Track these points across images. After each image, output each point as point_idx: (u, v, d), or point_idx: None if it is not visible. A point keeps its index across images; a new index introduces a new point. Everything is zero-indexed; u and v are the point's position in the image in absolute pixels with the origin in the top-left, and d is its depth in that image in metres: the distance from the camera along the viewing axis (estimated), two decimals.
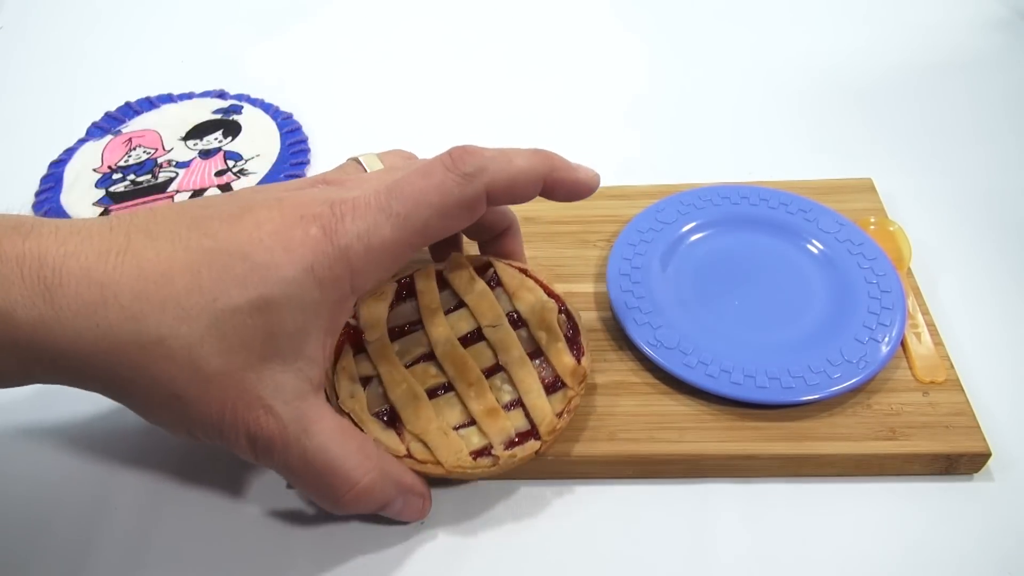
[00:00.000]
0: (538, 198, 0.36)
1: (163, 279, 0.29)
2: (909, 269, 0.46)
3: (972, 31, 0.67)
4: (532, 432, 0.37)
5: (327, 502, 0.34)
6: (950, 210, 0.52)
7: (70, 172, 0.57)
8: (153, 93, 0.63)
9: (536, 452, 0.36)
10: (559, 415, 0.37)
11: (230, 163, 0.57)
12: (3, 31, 0.72)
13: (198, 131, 0.60)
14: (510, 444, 0.36)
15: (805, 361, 0.40)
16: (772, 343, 0.42)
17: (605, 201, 0.51)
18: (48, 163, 0.58)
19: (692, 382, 0.40)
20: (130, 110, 0.62)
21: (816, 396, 0.39)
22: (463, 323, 0.40)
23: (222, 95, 0.63)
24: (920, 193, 0.52)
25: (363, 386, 0.38)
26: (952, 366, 0.41)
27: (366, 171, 0.39)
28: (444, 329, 0.39)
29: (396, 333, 0.40)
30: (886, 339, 0.41)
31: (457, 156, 0.33)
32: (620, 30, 0.70)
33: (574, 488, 0.39)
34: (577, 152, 0.57)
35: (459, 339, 0.39)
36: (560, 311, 0.40)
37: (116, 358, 0.29)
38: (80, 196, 0.55)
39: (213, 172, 0.56)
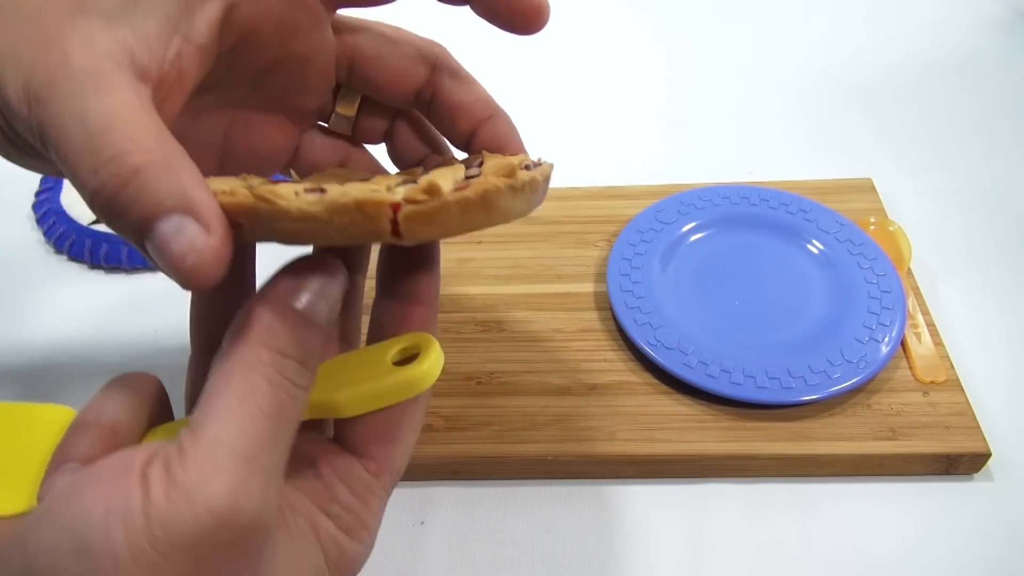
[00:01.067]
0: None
1: None
2: (909, 269, 0.46)
3: (972, 31, 0.66)
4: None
5: (81, 170, 0.24)
6: (950, 210, 0.52)
7: None
8: None
9: (393, 217, 0.24)
10: (453, 190, 0.24)
11: None
12: None
13: None
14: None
15: (805, 361, 0.40)
16: (772, 343, 0.42)
17: (605, 201, 0.51)
18: None
19: (692, 382, 0.40)
20: None
21: (816, 396, 0.39)
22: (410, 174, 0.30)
23: None
24: (920, 193, 0.52)
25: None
26: (952, 366, 0.41)
27: None
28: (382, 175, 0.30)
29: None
30: (886, 339, 0.41)
31: None
32: (619, 31, 0.70)
33: (574, 488, 0.39)
34: (577, 152, 0.58)
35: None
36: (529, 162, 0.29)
37: None
38: (80, 196, 0.54)
39: None
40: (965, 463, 0.38)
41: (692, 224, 0.48)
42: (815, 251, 0.46)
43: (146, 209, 0.23)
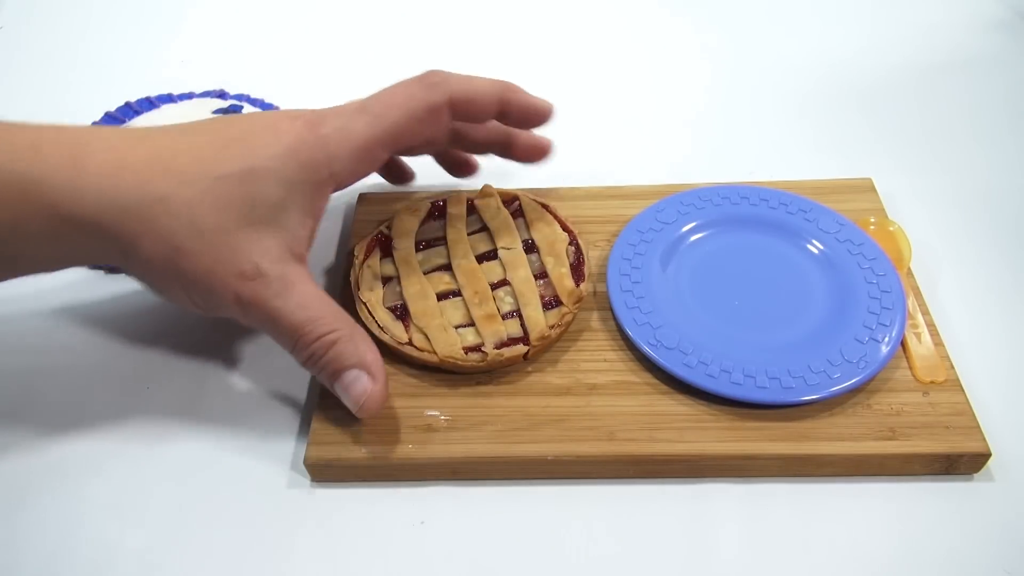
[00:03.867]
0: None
1: (170, 155, 0.35)
2: (909, 269, 0.46)
3: (972, 31, 0.67)
4: (524, 340, 0.41)
5: (297, 348, 0.37)
6: (950, 210, 0.52)
7: None
8: (153, 93, 0.63)
9: (524, 356, 0.41)
10: (551, 327, 0.41)
11: None
12: (3, 31, 0.72)
13: None
14: (500, 346, 0.41)
15: (805, 361, 0.40)
16: (772, 343, 0.42)
17: (605, 201, 0.51)
18: None
19: (692, 382, 0.40)
20: (130, 110, 0.62)
21: (816, 396, 0.39)
22: (482, 244, 0.46)
23: (222, 95, 0.63)
24: (920, 193, 0.52)
25: (383, 284, 0.44)
26: (952, 366, 0.41)
27: None
28: (464, 245, 0.45)
29: (422, 246, 0.46)
30: (886, 339, 0.41)
31: (426, 73, 0.41)
32: (618, 33, 0.70)
33: (574, 488, 0.39)
34: (577, 152, 0.58)
35: (476, 257, 0.45)
36: (570, 243, 0.45)
37: (128, 215, 0.34)
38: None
39: None
40: (965, 463, 0.38)
41: (692, 224, 0.48)
42: (815, 251, 0.46)
43: (338, 365, 0.37)
